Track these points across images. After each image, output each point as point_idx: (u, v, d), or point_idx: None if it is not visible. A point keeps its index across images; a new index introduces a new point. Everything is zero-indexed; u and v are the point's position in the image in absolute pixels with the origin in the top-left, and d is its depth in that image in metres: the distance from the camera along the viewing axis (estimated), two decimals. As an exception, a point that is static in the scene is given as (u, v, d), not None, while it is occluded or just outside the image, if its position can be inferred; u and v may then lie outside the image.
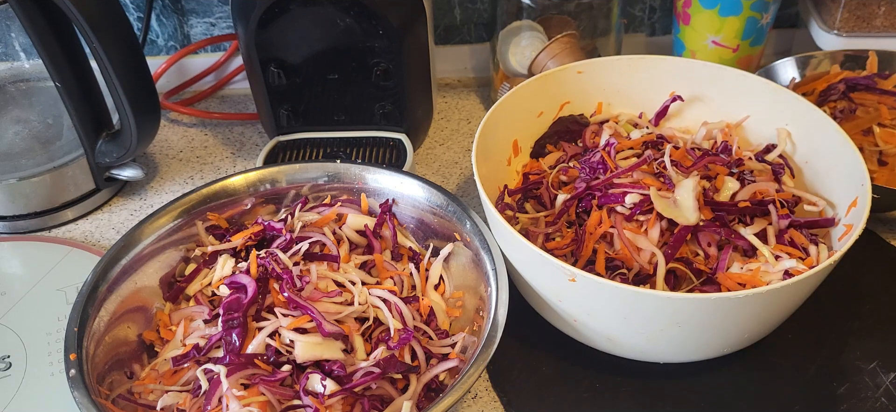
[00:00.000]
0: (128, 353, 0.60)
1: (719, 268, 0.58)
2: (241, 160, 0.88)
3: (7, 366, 0.65)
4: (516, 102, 0.70)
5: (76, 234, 0.79)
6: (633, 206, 0.60)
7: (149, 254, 0.64)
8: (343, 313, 0.58)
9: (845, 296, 0.65)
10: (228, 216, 0.68)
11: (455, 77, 0.98)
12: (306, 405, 0.53)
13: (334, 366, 0.55)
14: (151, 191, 0.84)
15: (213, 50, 0.98)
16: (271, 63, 0.78)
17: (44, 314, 0.68)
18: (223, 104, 0.98)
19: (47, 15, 0.69)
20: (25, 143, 0.81)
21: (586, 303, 0.56)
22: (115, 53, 0.69)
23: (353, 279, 0.61)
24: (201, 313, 0.61)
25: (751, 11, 0.80)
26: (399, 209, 0.68)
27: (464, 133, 0.89)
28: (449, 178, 0.83)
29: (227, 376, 0.53)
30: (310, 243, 0.63)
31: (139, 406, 0.56)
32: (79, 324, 0.56)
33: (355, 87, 0.80)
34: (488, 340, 0.54)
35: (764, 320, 0.57)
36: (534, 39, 0.83)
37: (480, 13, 0.94)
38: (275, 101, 0.81)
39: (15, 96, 0.85)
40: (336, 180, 0.69)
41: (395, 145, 0.81)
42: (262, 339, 0.56)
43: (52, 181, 0.78)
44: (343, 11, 0.73)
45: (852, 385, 0.59)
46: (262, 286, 0.58)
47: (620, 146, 0.68)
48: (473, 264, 0.62)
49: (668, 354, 0.58)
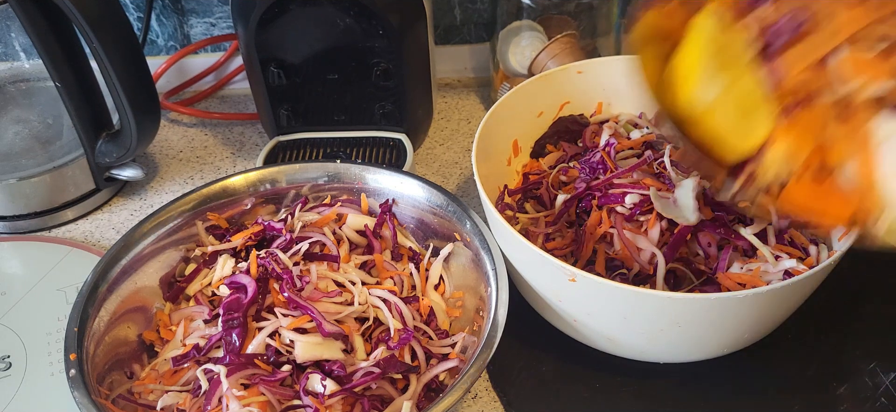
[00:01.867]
0: (128, 353, 0.60)
1: (719, 268, 0.58)
2: (241, 160, 0.88)
3: (7, 367, 0.65)
4: (516, 102, 0.70)
5: (76, 234, 0.79)
6: (633, 206, 0.60)
7: (149, 254, 0.64)
8: (343, 313, 0.58)
9: (845, 296, 0.65)
10: (228, 216, 0.68)
11: (455, 77, 0.98)
12: (306, 405, 0.53)
13: (334, 366, 0.55)
14: (151, 191, 0.84)
15: (213, 50, 0.98)
16: (271, 63, 0.78)
17: (44, 314, 0.68)
18: (223, 104, 0.98)
19: (47, 15, 0.69)
20: (25, 143, 0.81)
21: (586, 303, 0.56)
22: (115, 53, 0.69)
23: (353, 279, 0.61)
24: (201, 313, 0.61)
25: (751, 11, 0.80)
26: (399, 209, 0.68)
27: (464, 133, 0.89)
28: (449, 178, 0.83)
29: (227, 376, 0.53)
30: (310, 243, 0.63)
31: (139, 406, 0.56)
32: (79, 324, 0.56)
33: (355, 87, 0.80)
34: (488, 340, 0.54)
35: (764, 320, 0.57)
36: (534, 39, 0.83)
37: (480, 13, 0.94)
38: (275, 101, 0.81)
39: (15, 96, 0.85)
40: (336, 180, 0.69)
41: (395, 145, 0.81)
42: (262, 339, 0.56)
43: (52, 181, 0.78)
44: (343, 11, 0.73)
45: (852, 385, 0.59)
46: (262, 286, 0.58)
47: (620, 146, 0.68)
48: (473, 264, 0.62)
49: (668, 354, 0.58)
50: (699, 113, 0.52)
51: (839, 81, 0.50)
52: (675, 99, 0.54)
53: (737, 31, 0.52)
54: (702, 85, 0.52)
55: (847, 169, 0.50)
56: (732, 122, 0.51)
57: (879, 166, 0.49)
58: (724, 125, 0.52)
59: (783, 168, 0.51)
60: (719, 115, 0.52)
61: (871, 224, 0.49)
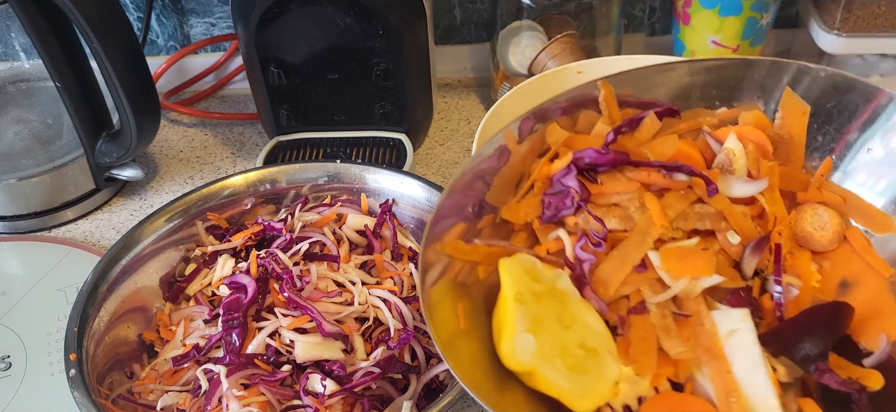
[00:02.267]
0: (128, 353, 0.60)
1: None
2: (241, 160, 0.88)
3: (7, 367, 0.65)
4: (516, 102, 0.70)
5: (76, 234, 0.79)
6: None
7: (149, 254, 0.64)
8: (343, 313, 0.58)
9: (845, 297, 0.65)
10: (228, 216, 0.68)
11: (455, 77, 0.98)
12: (306, 405, 0.53)
13: (334, 366, 0.55)
14: (151, 191, 0.84)
15: (213, 50, 0.98)
16: (271, 63, 0.78)
17: (44, 314, 0.68)
18: (223, 104, 0.98)
19: (47, 15, 0.69)
20: (25, 143, 0.81)
21: (586, 303, 0.56)
22: (115, 53, 0.69)
23: (353, 279, 0.61)
24: (201, 313, 0.61)
25: (751, 11, 0.80)
26: (399, 209, 0.68)
27: (464, 133, 0.89)
28: (449, 178, 0.83)
29: (227, 376, 0.53)
30: (310, 243, 0.63)
31: (139, 406, 0.56)
32: (79, 324, 0.56)
33: (355, 87, 0.80)
34: (488, 340, 0.54)
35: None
36: (534, 39, 0.83)
37: (480, 13, 0.94)
38: (275, 101, 0.81)
39: (15, 96, 0.85)
40: (336, 180, 0.69)
41: (395, 145, 0.81)
42: (262, 339, 0.56)
43: (52, 181, 0.78)
44: (343, 11, 0.73)
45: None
46: (262, 286, 0.58)
47: (620, 146, 0.68)
48: (473, 264, 0.62)
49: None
50: (527, 372, 0.44)
51: (664, 281, 0.47)
52: (500, 357, 0.46)
53: (551, 272, 0.48)
54: (517, 342, 0.44)
55: (702, 379, 0.44)
56: (566, 377, 0.44)
57: (733, 367, 0.44)
58: (557, 382, 0.44)
59: (631, 391, 0.45)
60: (548, 371, 0.44)
61: None
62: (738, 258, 0.49)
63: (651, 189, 0.50)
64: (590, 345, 0.45)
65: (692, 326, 0.46)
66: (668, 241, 0.48)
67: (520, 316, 0.45)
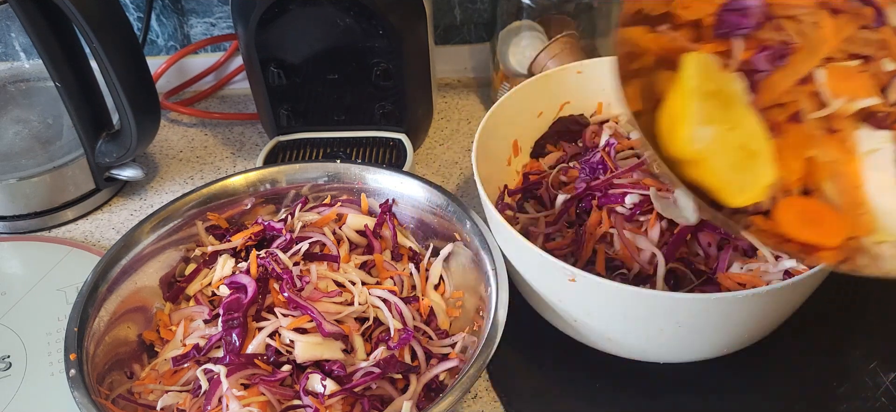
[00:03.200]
0: (128, 353, 0.60)
1: (719, 269, 0.58)
2: (241, 160, 0.88)
3: (7, 367, 0.65)
4: (516, 102, 0.70)
5: (76, 234, 0.79)
6: (634, 207, 0.60)
7: (149, 254, 0.64)
8: (343, 313, 0.58)
9: (845, 296, 0.65)
10: (228, 216, 0.68)
11: (455, 77, 0.98)
12: (306, 405, 0.53)
13: (334, 366, 0.55)
14: (151, 191, 0.84)
15: (213, 50, 0.98)
16: (271, 63, 0.78)
17: (44, 314, 0.68)
18: (223, 104, 0.98)
19: (47, 15, 0.69)
20: (25, 143, 0.81)
21: (586, 303, 0.56)
22: (115, 53, 0.69)
23: (353, 279, 0.61)
24: (201, 313, 0.61)
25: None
26: (399, 209, 0.68)
27: (464, 133, 0.89)
28: (449, 178, 0.83)
29: (227, 376, 0.53)
30: (310, 243, 0.63)
31: (139, 406, 0.56)
32: (79, 324, 0.56)
33: (355, 87, 0.80)
34: (488, 340, 0.54)
35: (764, 320, 0.57)
36: (534, 39, 0.83)
37: (480, 13, 0.94)
38: (275, 101, 0.81)
39: (15, 96, 0.85)
40: (336, 180, 0.69)
41: (395, 145, 0.81)
42: (262, 339, 0.56)
43: (52, 181, 0.78)
44: (343, 11, 0.73)
45: (852, 385, 0.59)
46: (262, 286, 0.58)
47: (620, 146, 0.68)
48: (473, 264, 0.62)
49: (668, 354, 0.58)
50: (692, 159, 0.49)
51: (823, 98, 0.50)
52: (667, 142, 0.50)
53: (726, 74, 0.51)
54: (695, 132, 0.49)
55: (834, 187, 0.49)
56: (729, 172, 0.49)
57: (865, 183, 0.48)
58: (721, 175, 0.49)
59: (774, 188, 0.49)
60: (715, 164, 0.49)
61: (865, 245, 0.48)
62: (886, 84, 0.51)
63: (827, 6, 0.52)
64: (752, 148, 0.50)
65: (836, 139, 0.49)
66: (832, 61, 0.51)
67: (697, 108, 0.49)
